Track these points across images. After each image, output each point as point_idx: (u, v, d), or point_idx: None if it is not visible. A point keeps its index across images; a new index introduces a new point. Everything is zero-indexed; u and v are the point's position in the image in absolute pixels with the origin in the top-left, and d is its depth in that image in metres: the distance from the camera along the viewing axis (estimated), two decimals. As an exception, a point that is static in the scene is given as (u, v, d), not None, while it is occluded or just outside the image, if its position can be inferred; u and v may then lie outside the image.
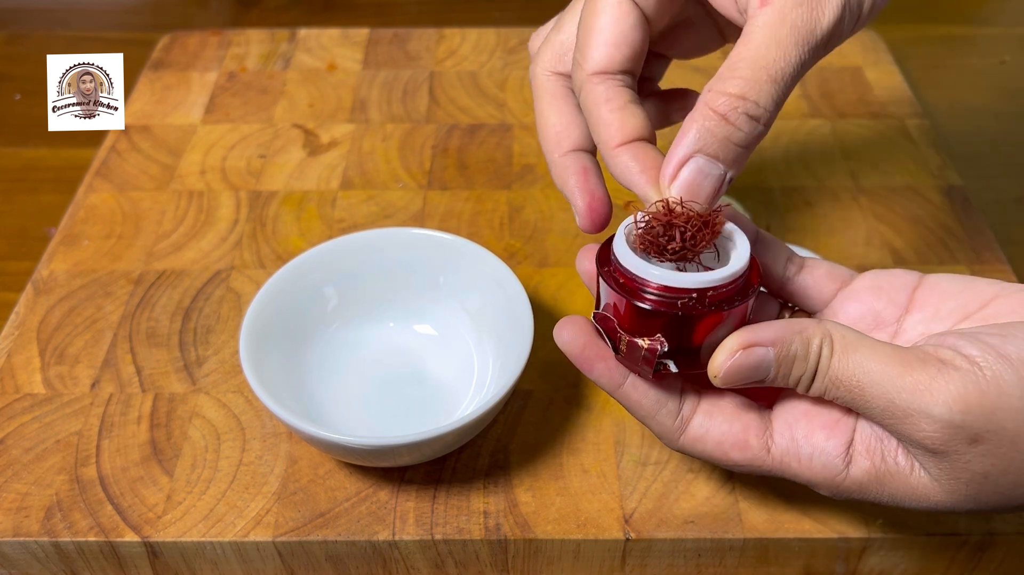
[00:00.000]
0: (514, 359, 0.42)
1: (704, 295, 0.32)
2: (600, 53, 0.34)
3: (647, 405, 0.34)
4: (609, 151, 0.34)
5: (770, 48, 0.30)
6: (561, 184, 0.37)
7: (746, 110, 0.31)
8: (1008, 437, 0.30)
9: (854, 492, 0.33)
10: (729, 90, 0.31)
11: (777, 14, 0.31)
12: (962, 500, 0.31)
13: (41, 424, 0.46)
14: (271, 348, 0.44)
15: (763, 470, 0.34)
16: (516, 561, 0.42)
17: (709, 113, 0.31)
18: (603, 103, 0.34)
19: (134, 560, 0.42)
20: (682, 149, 0.31)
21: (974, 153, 0.67)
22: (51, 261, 0.55)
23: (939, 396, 0.29)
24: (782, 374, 0.32)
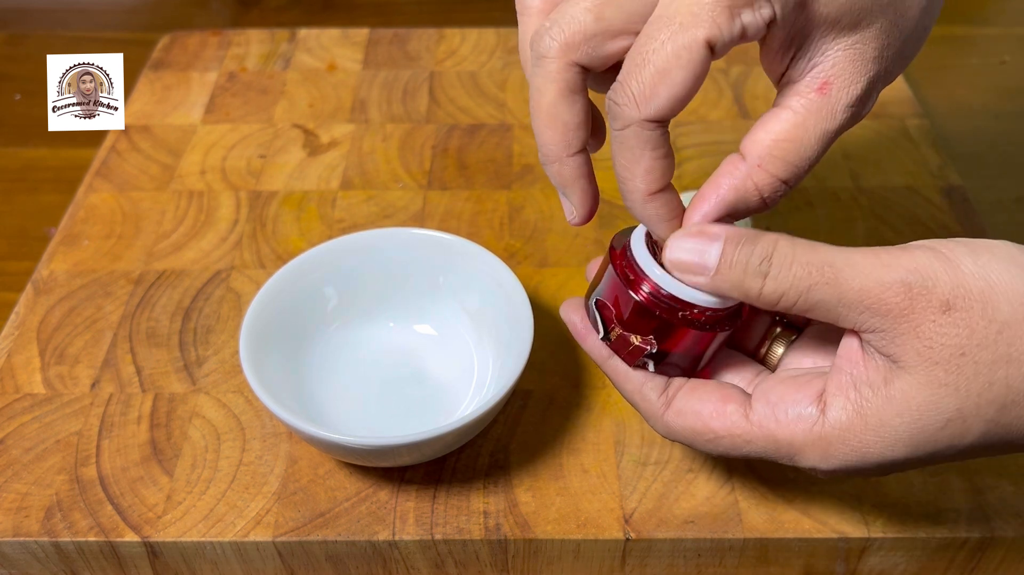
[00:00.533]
0: (514, 359, 0.42)
1: (705, 313, 0.34)
2: (668, 107, 0.32)
3: (635, 378, 0.36)
4: (644, 197, 0.34)
5: (816, 142, 0.33)
6: (566, 184, 0.36)
7: (783, 193, 0.33)
8: (978, 305, 0.30)
9: (841, 443, 0.32)
10: (777, 173, 0.33)
11: (830, 108, 0.33)
12: (944, 394, 0.30)
13: (41, 424, 0.46)
14: (271, 348, 0.44)
15: (744, 439, 0.34)
16: (516, 561, 0.42)
17: (752, 188, 0.33)
18: (650, 150, 0.33)
19: (134, 560, 0.42)
20: (714, 207, 0.34)
21: (974, 153, 0.67)
22: (51, 261, 0.55)
23: (904, 263, 0.31)
24: (728, 259, 0.32)
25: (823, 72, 0.33)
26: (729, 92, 0.67)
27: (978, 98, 0.74)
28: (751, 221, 0.57)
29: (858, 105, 0.33)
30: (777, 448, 0.34)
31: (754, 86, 0.68)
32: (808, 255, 0.32)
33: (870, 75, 0.33)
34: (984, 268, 0.30)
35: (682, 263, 0.33)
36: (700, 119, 0.65)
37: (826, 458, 0.33)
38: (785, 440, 0.33)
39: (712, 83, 0.68)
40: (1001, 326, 0.30)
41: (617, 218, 0.57)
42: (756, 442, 0.34)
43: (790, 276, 0.32)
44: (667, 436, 0.36)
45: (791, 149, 0.33)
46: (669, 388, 0.36)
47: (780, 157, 0.33)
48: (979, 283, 0.30)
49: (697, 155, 0.62)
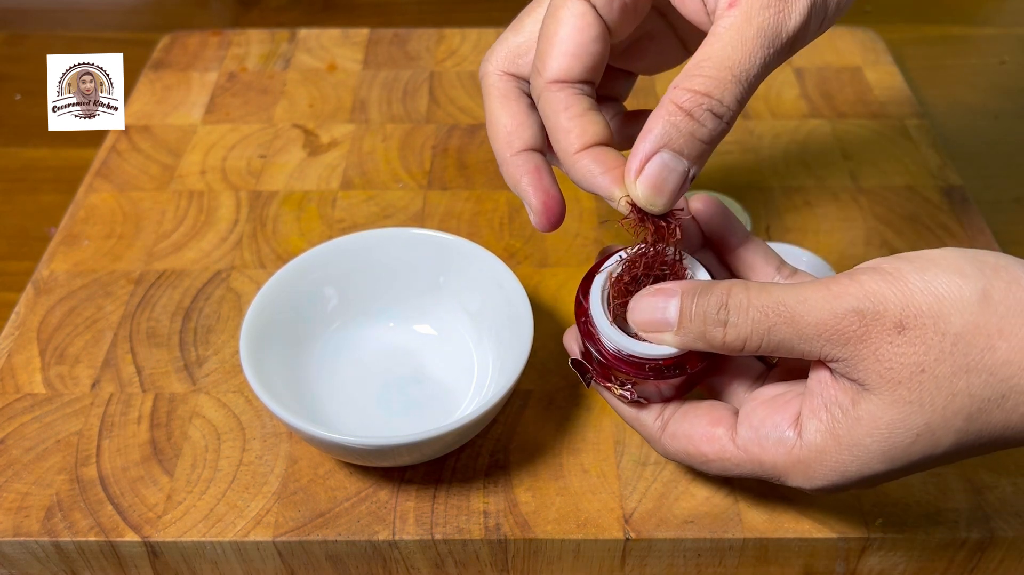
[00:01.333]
0: (514, 359, 0.42)
1: (671, 361, 0.36)
2: (560, 63, 0.35)
3: (629, 407, 0.38)
4: (569, 157, 0.35)
5: (736, 49, 0.31)
6: (514, 184, 0.38)
7: (710, 107, 0.31)
8: (930, 321, 0.30)
9: (819, 464, 0.33)
10: (695, 87, 0.31)
11: (744, 15, 0.32)
12: (911, 411, 0.31)
13: (41, 424, 0.46)
14: (271, 348, 0.44)
15: (733, 463, 0.35)
16: (516, 561, 0.42)
17: (674, 109, 0.32)
18: (562, 110, 0.35)
19: (134, 560, 0.42)
20: (647, 144, 0.32)
21: (974, 153, 0.67)
22: (51, 261, 0.55)
23: (852, 291, 0.31)
24: (687, 312, 0.33)
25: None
26: (729, 92, 0.67)
27: (978, 98, 0.74)
28: (750, 222, 0.57)
29: (775, 7, 0.32)
30: (764, 470, 0.35)
31: (754, 86, 0.68)
32: (762, 299, 0.32)
33: None
34: (931, 283, 0.31)
35: (646, 323, 0.35)
36: (700, 119, 0.65)
37: (809, 479, 0.34)
38: (769, 463, 0.34)
39: (712, 83, 0.68)
40: (955, 338, 0.30)
41: (618, 219, 0.57)
42: (744, 465, 0.35)
43: (748, 321, 0.32)
44: (666, 457, 0.38)
45: (708, 64, 0.32)
46: (664, 411, 0.37)
47: (696, 73, 0.32)
48: (927, 298, 0.30)
49: (697, 155, 0.62)
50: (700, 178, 0.60)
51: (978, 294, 0.30)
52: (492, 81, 0.38)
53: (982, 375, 0.30)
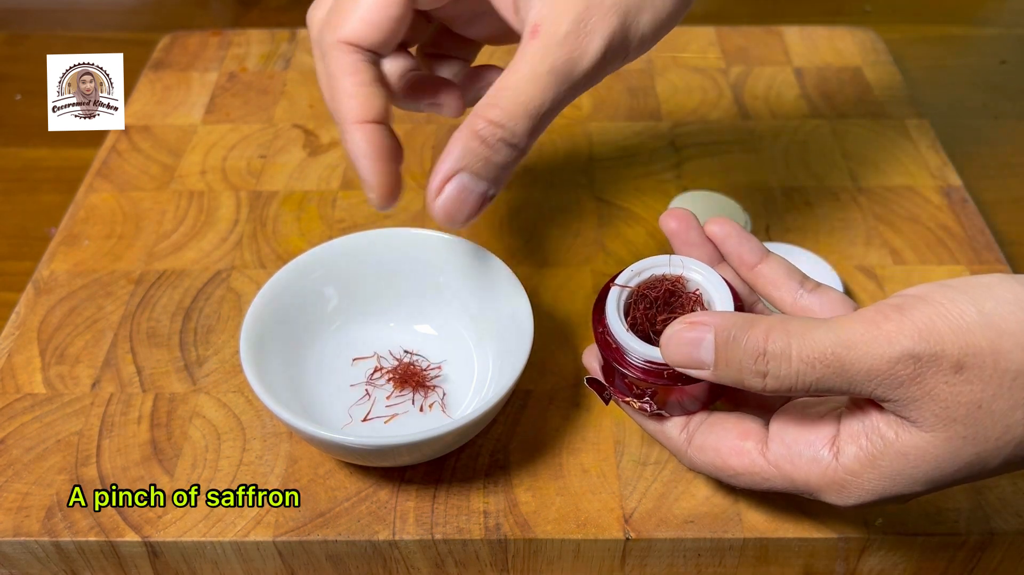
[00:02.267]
0: (514, 359, 0.42)
1: None
2: (357, 27, 0.35)
3: (654, 419, 0.37)
4: (347, 125, 0.35)
5: (530, 84, 0.33)
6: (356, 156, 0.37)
7: (503, 137, 0.33)
8: (990, 359, 0.29)
9: (855, 487, 0.33)
10: (491, 117, 0.33)
11: (541, 51, 0.33)
12: (963, 445, 0.30)
13: (42, 424, 0.46)
14: (271, 348, 0.44)
15: (763, 478, 0.35)
16: (516, 561, 0.42)
17: (472, 134, 0.33)
18: (349, 74, 0.35)
19: (134, 560, 0.42)
20: (447, 165, 0.34)
21: (974, 153, 0.67)
22: (52, 261, 0.55)
23: (906, 331, 0.30)
24: (723, 356, 0.32)
25: (532, 17, 0.34)
26: (729, 92, 0.67)
27: (978, 98, 0.74)
28: (749, 222, 0.57)
29: (571, 43, 0.33)
30: (795, 486, 0.34)
31: (754, 86, 0.68)
32: (806, 349, 0.31)
33: (578, 9, 0.33)
34: (989, 317, 0.29)
35: (681, 361, 0.34)
36: (700, 119, 0.65)
37: (843, 498, 0.33)
38: (802, 480, 0.34)
39: (712, 83, 0.68)
40: (1015, 374, 0.29)
41: (616, 218, 0.57)
42: (774, 480, 0.34)
43: (792, 373, 0.31)
44: (692, 470, 0.37)
45: (504, 95, 0.33)
46: (689, 424, 0.37)
47: (493, 103, 0.33)
48: (988, 334, 0.29)
49: (697, 155, 0.62)
50: (701, 177, 0.60)
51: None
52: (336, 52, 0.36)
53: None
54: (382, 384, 0.47)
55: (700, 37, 0.73)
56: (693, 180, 0.60)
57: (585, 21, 0.33)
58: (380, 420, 0.45)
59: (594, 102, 0.66)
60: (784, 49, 0.72)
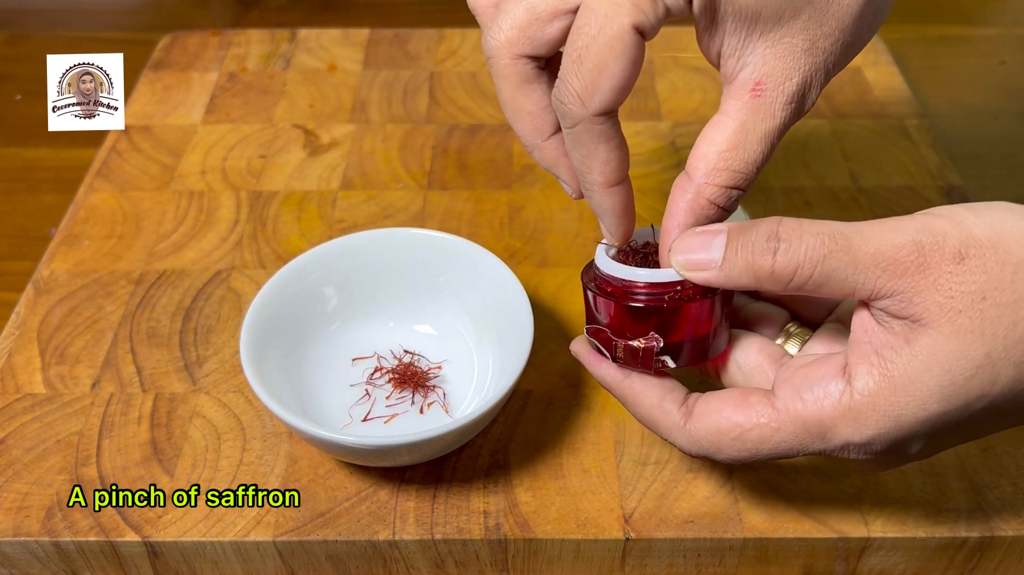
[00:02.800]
0: (514, 359, 0.42)
1: (688, 285, 0.34)
2: (609, 97, 0.33)
3: (653, 393, 0.35)
4: (600, 188, 0.35)
5: (760, 144, 0.34)
6: (547, 164, 0.37)
7: (734, 197, 0.34)
8: (990, 251, 0.30)
9: (873, 410, 0.31)
10: (723, 183, 0.34)
11: (767, 110, 0.33)
12: (971, 341, 0.30)
13: (42, 424, 0.46)
14: (271, 348, 0.44)
15: (771, 429, 0.33)
16: (516, 561, 0.42)
17: (707, 203, 0.34)
18: (604, 142, 0.34)
19: (134, 560, 0.42)
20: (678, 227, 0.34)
21: (974, 153, 0.67)
22: (52, 261, 0.55)
23: (911, 225, 0.31)
24: (734, 242, 0.33)
25: (754, 72, 0.33)
26: (729, 92, 0.67)
27: (978, 98, 0.74)
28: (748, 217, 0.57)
29: (797, 102, 0.33)
30: (807, 430, 0.32)
31: (754, 86, 0.68)
32: (816, 226, 0.32)
33: (804, 70, 0.33)
34: (986, 218, 0.31)
35: (688, 261, 0.34)
36: (700, 119, 0.65)
37: (859, 429, 0.32)
38: (814, 419, 0.32)
39: (712, 83, 0.68)
40: (1016, 267, 0.30)
41: (617, 218, 0.57)
42: (784, 428, 0.33)
43: (802, 247, 0.32)
44: (690, 448, 0.35)
45: (734, 157, 0.34)
46: (689, 400, 0.35)
47: (724, 168, 0.34)
48: (986, 231, 0.31)
49: (697, 155, 0.62)
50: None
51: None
52: (505, 64, 0.35)
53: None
54: (382, 384, 0.47)
55: (700, 37, 0.73)
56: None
57: (803, 72, 0.33)
58: (380, 420, 0.45)
59: (594, 102, 0.66)
60: (784, 49, 0.72)
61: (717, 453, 0.34)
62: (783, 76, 0.33)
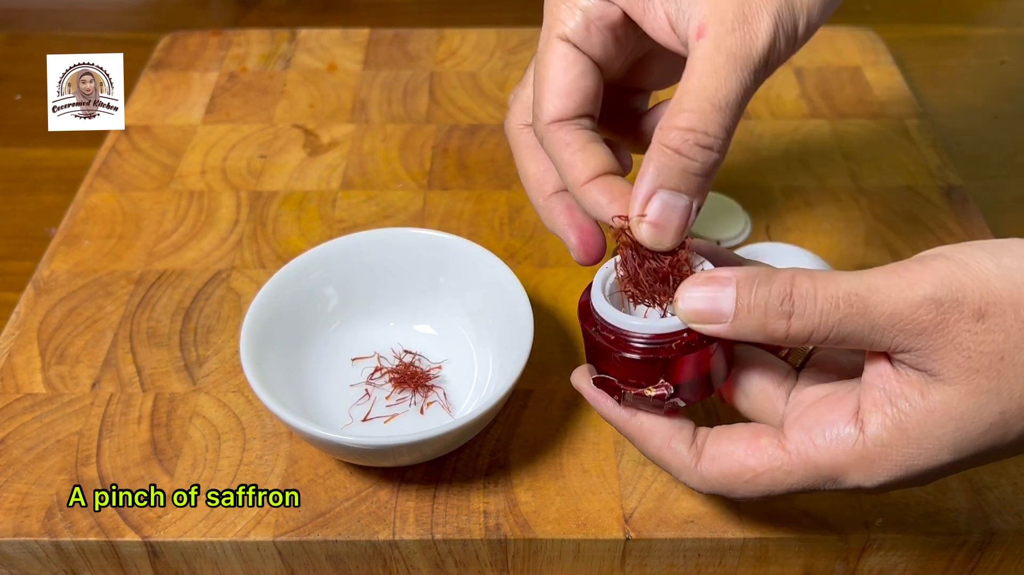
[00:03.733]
0: (514, 359, 0.42)
1: (693, 333, 0.33)
2: (554, 103, 0.36)
3: (661, 432, 0.35)
4: (577, 190, 0.35)
5: (710, 78, 0.32)
6: (551, 226, 0.39)
7: (697, 141, 0.32)
8: (1010, 308, 0.29)
9: (885, 459, 0.32)
10: (679, 124, 0.32)
11: (712, 44, 0.32)
12: (987, 400, 0.30)
13: (42, 424, 0.46)
14: (271, 348, 0.44)
15: (784, 471, 0.33)
16: (516, 561, 0.42)
17: (664, 149, 0.32)
18: (563, 148, 0.35)
19: (134, 560, 0.42)
20: (644, 186, 0.33)
21: (974, 153, 0.67)
22: (52, 261, 0.55)
23: (928, 279, 0.30)
24: (745, 303, 0.32)
25: (695, 22, 0.33)
26: (729, 92, 0.67)
27: (978, 98, 0.74)
28: (749, 222, 0.57)
29: (741, 27, 0.32)
30: (819, 473, 0.33)
31: (754, 86, 0.68)
32: (830, 288, 0.31)
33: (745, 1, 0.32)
34: (1008, 270, 0.30)
35: (696, 313, 0.33)
36: (700, 119, 0.65)
37: (871, 476, 0.32)
38: (827, 464, 0.32)
39: (712, 83, 0.68)
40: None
41: (617, 218, 0.57)
42: (796, 471, 0.33)
43: (816, 312, 0.31)
44: (702, 488, 0.35)
45: (687, 99, 0.32)
46: (697, 438, 0.35)
47: (678, 110, 0.32)
48: (1007, 285, 0.30)
49: (697, 155, 0.62)
50: (700, 178, 0.60)
51: None
52: (515, 135, 0.40)
53: None
54: (382, 384, 0.47)
55: (700, 37, 0.73)
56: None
57: (747, 3, 0.32)
58: (380, 420, 0.45)
59: (594, 102, 0.66)
60: (784, 49, 0.72)
61: (730, 494, 0.35)
62: (720, 11, 0.32)
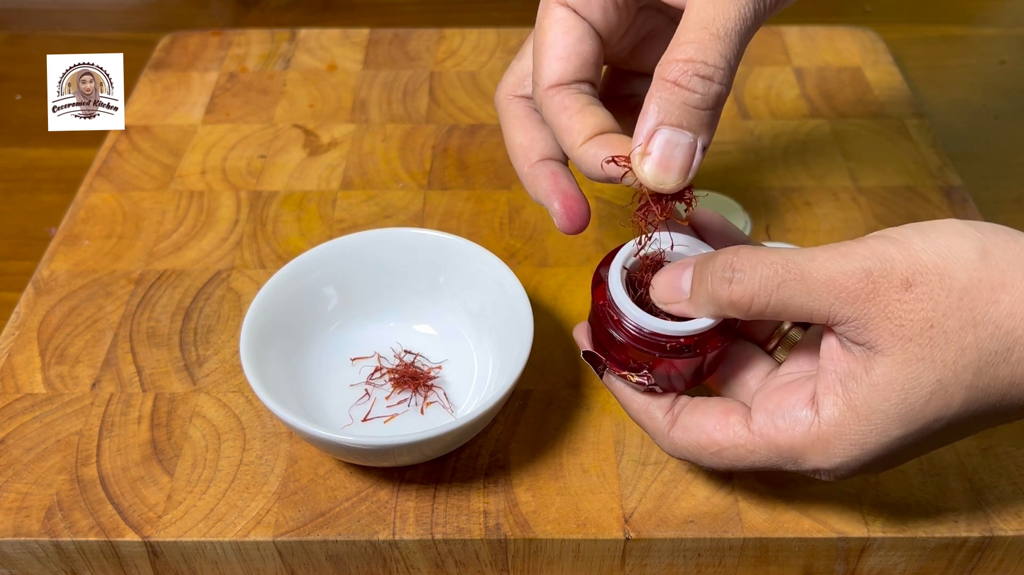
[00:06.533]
0: (514, 359, 0.42)
1: (692, 339, 0.36)
2: (552, 68, 0.36)
3: (641, 397, 0.37)
4: (576, 151, 0.35)
5: (708, 9, 0.32)
6: (535, 193, 0.39)
7: (696, 71, 0.32)
8: (935, 277, 0.31)
9: (839, 440, 0.33)
10: (678, 56, 0.32)
11: None
12: (923, 368, 0.31)
13: (42, 424, 0.46)
14: (271, 348, 0.44)
15: (747, 450, 0.35)
16: (516, 561, 0.42)
17: (664, 84, 0.32)
18: (562, 111, 0.36)
19: (134, 560, 0.42)
20: (646, 124, 0.33)
21: (974, 153, 0.67)
22: (52, 261, 0.55)
23: (860, 251, 0.32)
24: (697, 277, 0.34)
25: None
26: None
27: (978, 98, 0.74)
28: (749, 222, 0.57)
29: None
30: (780, 454, 0.34)
31: (754, 86, 0.68)
32: (771, 256, 0.33)
33: None
34: (933, 243, 0.32)
35: (665, 297, 0.36)
36: (700, 119, 0.65)
37: (828, 457, 0.33)
38: (786, 445, 0.34)
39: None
40: (960, 292, 0.31)
41: (616, 218, 0.57)
42: (759, 451, 0.35)
43: (756, 277, 0.33)
44: (672, 453, 0.37)
45: (685, 31, 0.32)
46: (675, 406, 0.37)
47: (676, 44, 0.32)
48: (932, 257, 0.31)
49: (697, 155, 0.62)
50: (700, 178, 0.60)
51: (979, 251, 0.31)
52: (504, 105, 0.40)
53: (988, 328, 0.30)
54: (382, 384, 0.47)
55: (700, 37, 0.73)
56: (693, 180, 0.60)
57: None
58: (380, 420, 0.45)
59: (594, 102, 0.66)
60: (784, 49, 0.72)
61: (697, 462, 0.37)
62: None
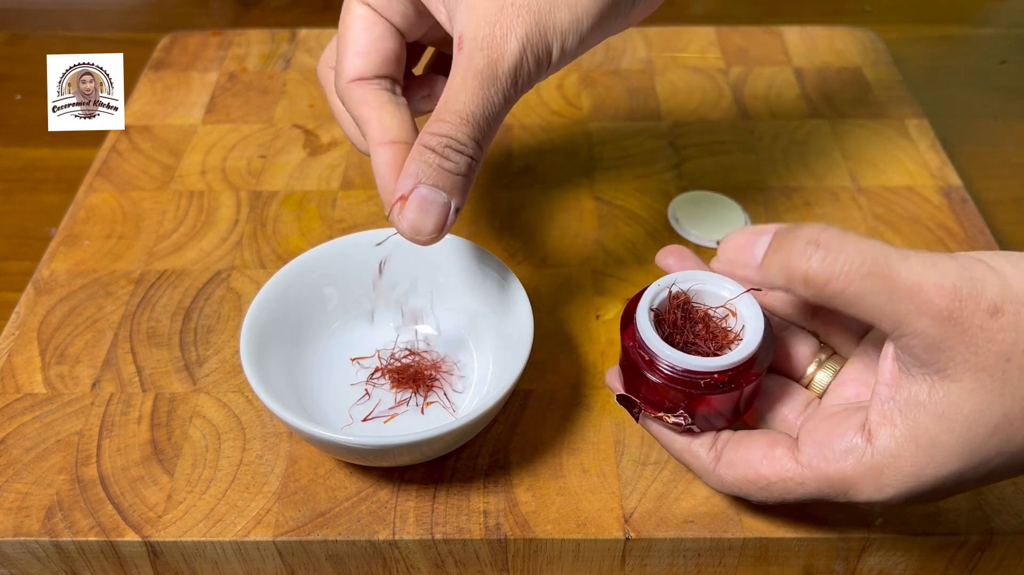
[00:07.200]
0: (514, 359, 0.42)
1: (726, 374, 0.36)
2: (353, 63, 0.39)
3: (681, 438, 0.37)
4: (372, 147, 0.38)
5: (460, 92, 0.35)
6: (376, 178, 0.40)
7: (450, 144, 0.35)
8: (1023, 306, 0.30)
9: (894, 470, 0.32)
10: (434, 130, 0.35)
11: (466, 59, 0.35)
12: (991, 400, 0.30)
13: (42, 424, 0.46)
14: (271, 348, 0.44)
15: (796, 482, 0.34)
16: (516, 561, 0.42)
17: (422, 149, 0.35)
18: (362, 104, 0.39)
19: (135, 560, 0.42)
20: (404, 181, 0.35)
21: (974, 153, 0.67)
22: (52, 261, 0.55)
23: (954, 268, 0.30)
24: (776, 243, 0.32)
25: (457, 29, 0.36)
26: (729, 92, 0.67)
27: (978, 98, 0.74)
28: (749, 223, 0.57)
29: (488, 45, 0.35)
30: (831, 486, 0.33)
31: (754, 86, 0.68)
32: (861, 243, 0.31)
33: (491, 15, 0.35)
34: None
35: (730, 257, 0.34)
36: (700, 119, 0.65)
37: (880, 488, 0.32)
38: (837, 477, 0.33)
39: (712, 83, 0.68)
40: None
41: (617, 219, 0.57)
42: (808, 483, 0.34)
43: (842, 259, 0.30)
44: (720, 489, 0.37)
45: (443, 109, 0.35)
46: (717, 442, 0.37)
47: (436, 117, 0.35)
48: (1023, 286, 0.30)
49: (697, 155, 0.62)
50: (701, 178, 0.60)
51: None
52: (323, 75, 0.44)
53: None
54: (382, 384, 0.47)
55: (700, 37, 0.73)
56: (693, 180, 0.60)
57: (498, 23, 0.35)
58: (380, 420, 0.45)
59: (594, 102, 0.66)
60: (784, 49, 0.72)
61: (747, 497, 0.36)
62: (475, 26, 0.35)
